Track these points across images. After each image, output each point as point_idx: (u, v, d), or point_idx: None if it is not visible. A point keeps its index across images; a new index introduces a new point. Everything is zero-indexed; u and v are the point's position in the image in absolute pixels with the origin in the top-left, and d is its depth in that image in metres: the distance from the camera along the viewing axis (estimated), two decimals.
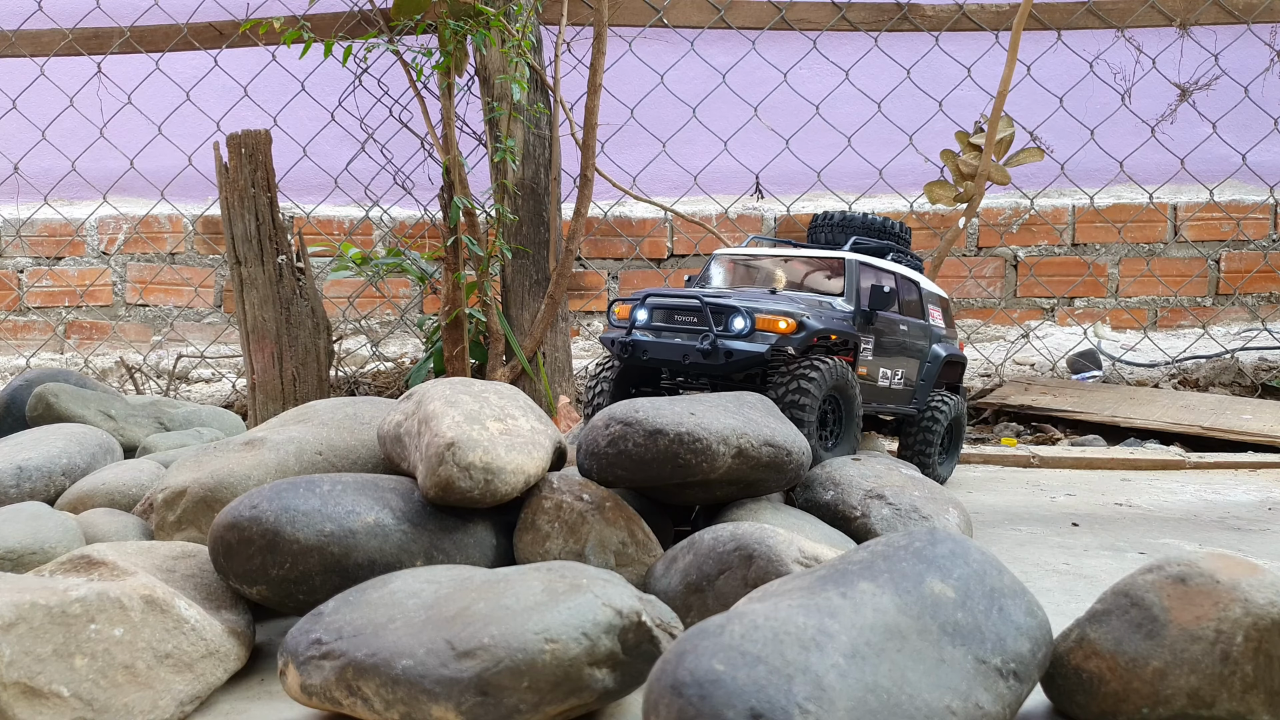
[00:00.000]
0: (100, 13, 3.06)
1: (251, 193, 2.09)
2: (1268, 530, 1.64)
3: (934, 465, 1.87)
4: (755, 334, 1.53)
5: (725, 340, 1.53)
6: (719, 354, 1.52)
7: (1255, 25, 2.95)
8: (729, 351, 1.52)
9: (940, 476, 1.90)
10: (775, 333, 1.53)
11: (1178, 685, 0.81)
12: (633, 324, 1.64)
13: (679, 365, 1.57)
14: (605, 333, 1.68)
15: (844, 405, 1.60)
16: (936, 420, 1.85)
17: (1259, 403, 2.55)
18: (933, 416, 1.86)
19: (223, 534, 1.03)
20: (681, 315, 1.60)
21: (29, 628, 0.83)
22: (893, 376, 1.78)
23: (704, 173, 3.09)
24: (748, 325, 1.53)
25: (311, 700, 0.88)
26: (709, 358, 1.53)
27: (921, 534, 0.88)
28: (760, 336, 1.53)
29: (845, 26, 2.96)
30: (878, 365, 1.74)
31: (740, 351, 1.51)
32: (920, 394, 1.85)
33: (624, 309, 1.66)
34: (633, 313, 1.64)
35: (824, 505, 1.38)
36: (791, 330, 1.53)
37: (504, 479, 1.11)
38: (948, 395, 1.90)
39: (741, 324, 1.53)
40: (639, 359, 1.60)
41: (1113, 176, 3.10)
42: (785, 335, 1.53)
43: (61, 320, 3.32)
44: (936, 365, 1.87)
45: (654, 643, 0.87)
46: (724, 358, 1.52)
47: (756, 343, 1.52)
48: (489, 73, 2.36)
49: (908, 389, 1.83)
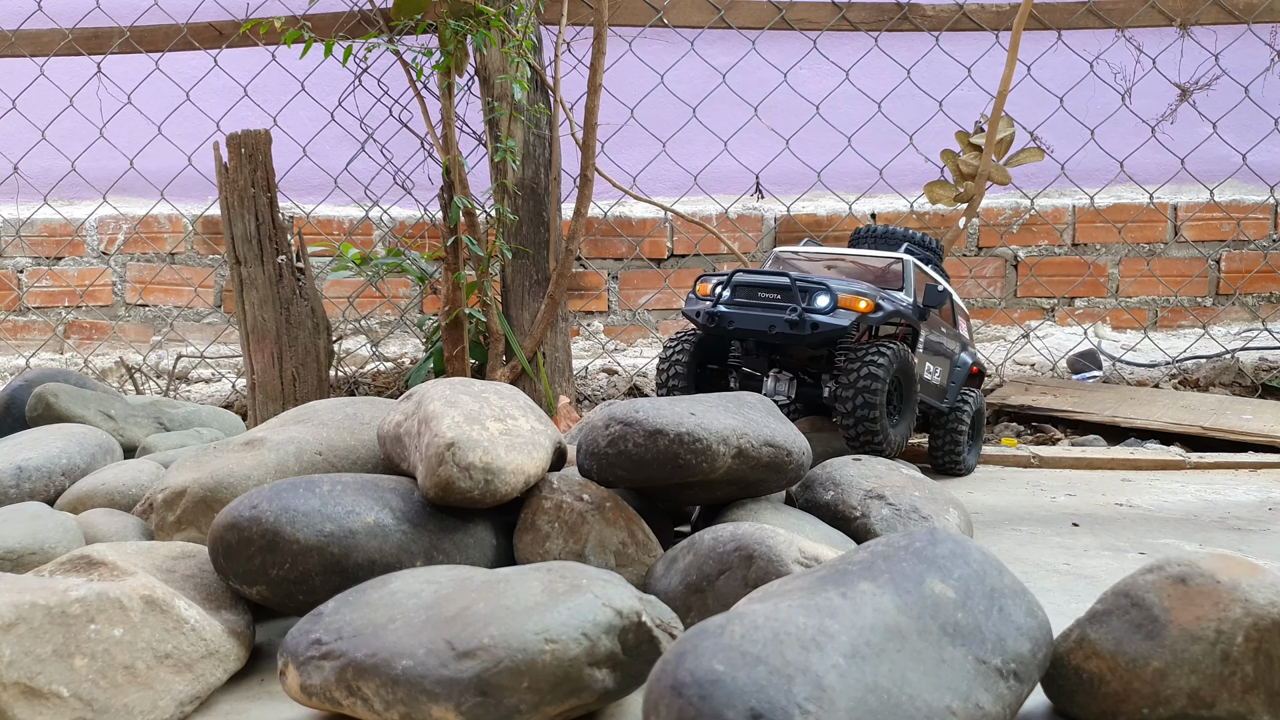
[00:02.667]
0: (100, 13, 3.06)
1: (251, 193, 2.09)
2: (1268, 530, 1.64)
3: (963, 455, 2.01)
4: (838, 311, 1.67)
5: (810, 314, 1.66)
6: (805, 325, 1.65)
7: (1255, 25, 2.94)
8: (814, 324, 1.65)
9: (969, 465, 2.05)
10: (855, 311, 1.68)
11: (1178, 685, 0.81)
12: (717, 298, 1.75)
13: (764, 336, 1.70)
14: (686, 306, 1.81)
15: (905, 386, 1.75)
16: (963, 414, 1.99)
17: (1259, 403, 2.55)
18: (959, 411, 2.00)
19: (222, 534, 1.03)
20: (765, 293, 1.74)
21: (29, 628, 0.83)
22: (934, 372, 1.92)
23: (704, 173, 3.09)
24: (831, 302, 1.67)
25: (311, 700, 0.88)
26: (795, 328, 1.66)
27: (922, 534, 0.88)
28: (842, 313, 1.68)
29: (845, 26, 2.96)
30: (925, 359, 1.89)
31: (826, 324, 1.66)
32: (950, 394, 2.00)
33: (706, 286, 1.80)
34: (714, 289, 1.77)
35: (824, 505, 1.39)
36: (870, 309, 1.69)
37: (504, 479, 1.11)
38: (969, 391, 2.05)
39: (826, 301, 1.68)
40: (724, 329, 1.73)
41: (1113, 176, 3.10)
42: (864, 314, 1.69)
43: (61, 320, 3.32)
44: (964, 370, 2.02)
45: (654, 643, 0.87)
46: (810, 329, 1.65)
47: (839, 318, 1.66)
48: (489, 73, 2.36)
49: (943, 386, 1.97)
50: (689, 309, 1.79)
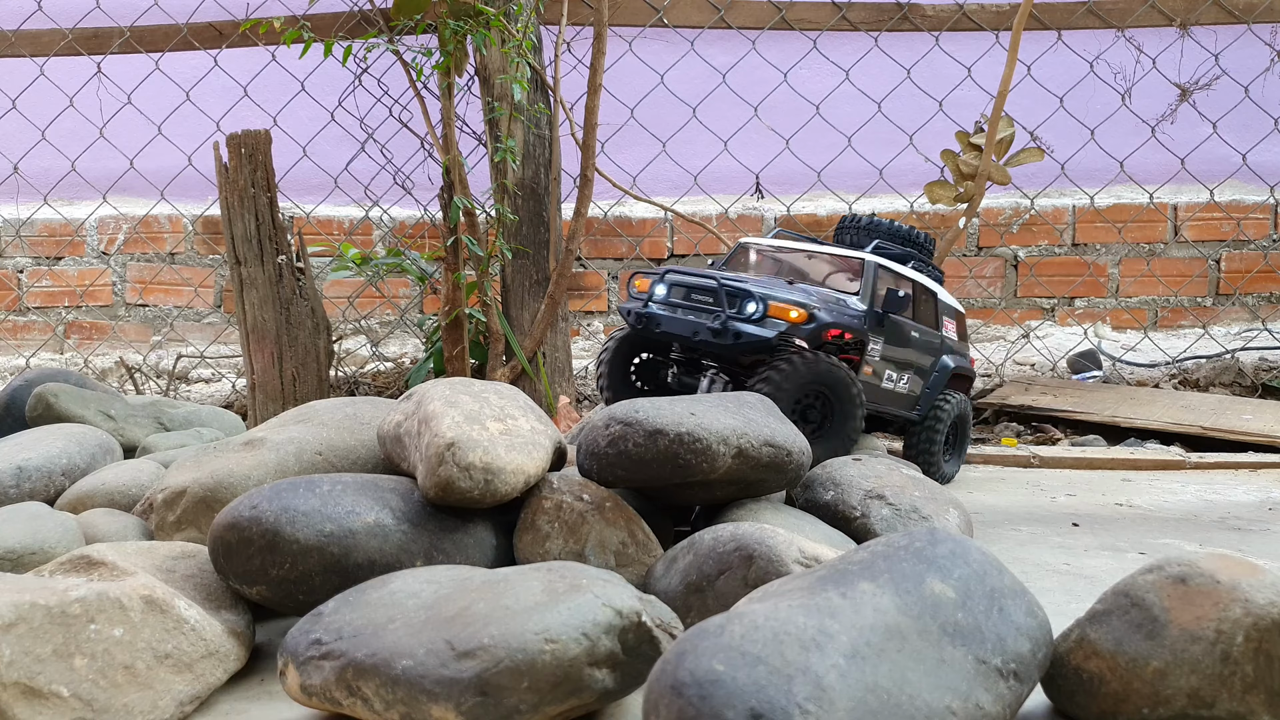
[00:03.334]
0: (100, 13, 3.06)
1: (251, 193, 2.09)
2: (1268, 530, 1.64)
3: (939, 464, 1.88)
4: (766, 320, 1.56)
5: (736, 322, 1.56)
6: (728, 334, 1.56)
7: (1255, 25, 2.94)
8: (738, 333, 1.55)
9: (946, 475, 1.92)
10: (786, 321, 1.56)
11: (1178, 685, 0.81)
12: (650, 297, 1.69)
13: (688, 341, 1.62)
14: (622, 303, 1.74)
15: (835, 402, 1.60)
16: (939, 420, 1.87)
17: (1259, 403, 2.55)
18: (935, 416, 1.87)
19: (222, 534, 1.03)
20: (699, 294, 1.65)
21: (29, 628, 0.83)
22: (898, 380, 1.80)
23: (704, 173, 3.09)
24: (760, 310, 1.56)
25: (311, 700, 0.88)
26: (718, 337, 1.57)
27: (922, 534, 0.88)
28: (770, 323, 1.56)
29: (845, 26, 2.96)
30: (884, 367, 1.75)
31: (748, 335, 1.55)
32: (924, 402, 1.88)
33: (644, 282, 1.72)
34: (652, 286, 1.70)
35: (824, 505, 1.39)
36: (802, 320, 1.56)
37: (504, 479, 1.11)
38: (950, 394, 1.92)
39: (754, 309, 1.57)
40: (652, 331, 1.66)
41: (1113, 176, 3.10)
42: (795, 325, 1.56)
43: (61, 320, 3.32)
44: (944, 376, 1.90)
45: (654, 643, 0.87)
46: (732, 338, 1.56)
47: (766, 328, 1.55)
48: (489, 73, 2.36)
49: (911, 395, 1.85)
50: (623, 306, 1.73)
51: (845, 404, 1.61)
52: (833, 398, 1.60)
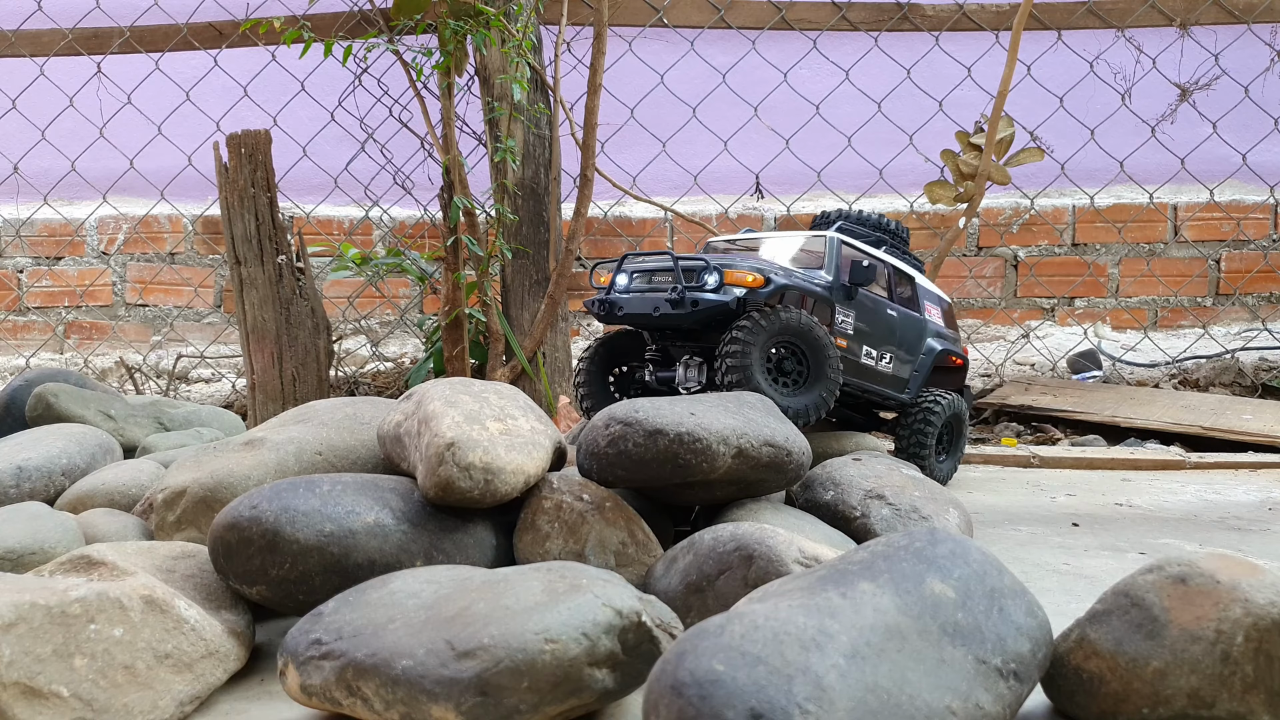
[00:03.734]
0: (100, 13, 3.06)
1: (251, 193, 2.09)
2: (1268, 530, 1.64)
3: (931, 464, 1.85)
4: (723, 289, 1.60)
5: (692, 291, 1.60)
6: (686, 304, 1.59)
7: (1255, 25, 2.94)
8: (695, 301, 1.59)
9: (939, 476, 1.89)
10: (744, 286, 1.60)
11: (1178, 685, 0.81)
12: (612, 286, 1.72)
13: (651, 320, 1.64)
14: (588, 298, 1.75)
15: (808, 350, 1.63)
16: (930, 416, 1.84)
17: (1259, 403, 2.55)
18: (926, 412, 1.85)
19: (222, 534, 1.03)
20: (660, 276, 1.68)
21: (29, 628, 0.83)
22: (879, 358, 1.81)
23: (704, 173, 3.08)
24: (718, 281, 1.61)
25: (311, 700, 0.88)
26: (677, 307, 1.60)
27: (922, 534, 0.88)
28: (727, 290, 1.60)
29: (845, 26, 2.96)
30: (860, 343, 1.77)
31: (706, 301, 1.58)
32: (913, 383, 1.88)
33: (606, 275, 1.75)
34: (614, 278, 1.72)
35: (824, 505, 1.39)
36: (759, 285, 1.60)
37: (504, 479, 1.11)
38: (944, 394, 1.89)
39: (713, 280, 1.61)
40: (615, 316, 1.68)
41: (1113, 176, 3.10)
42: (753, 289, 1.60)
43: (61, 320, 3.32)
44: (931, 357, 1.90)
45: (654, 643, 0.87)
46: (690, 307, 1.59)
47: (723, 295, 1.59)
48: (489, 73, 2.36)
49: (899, 376, 1.85)
50: (588, 300, 1.75)
51: (818, 350, 1.63)
52: (804, 347, 1.62)
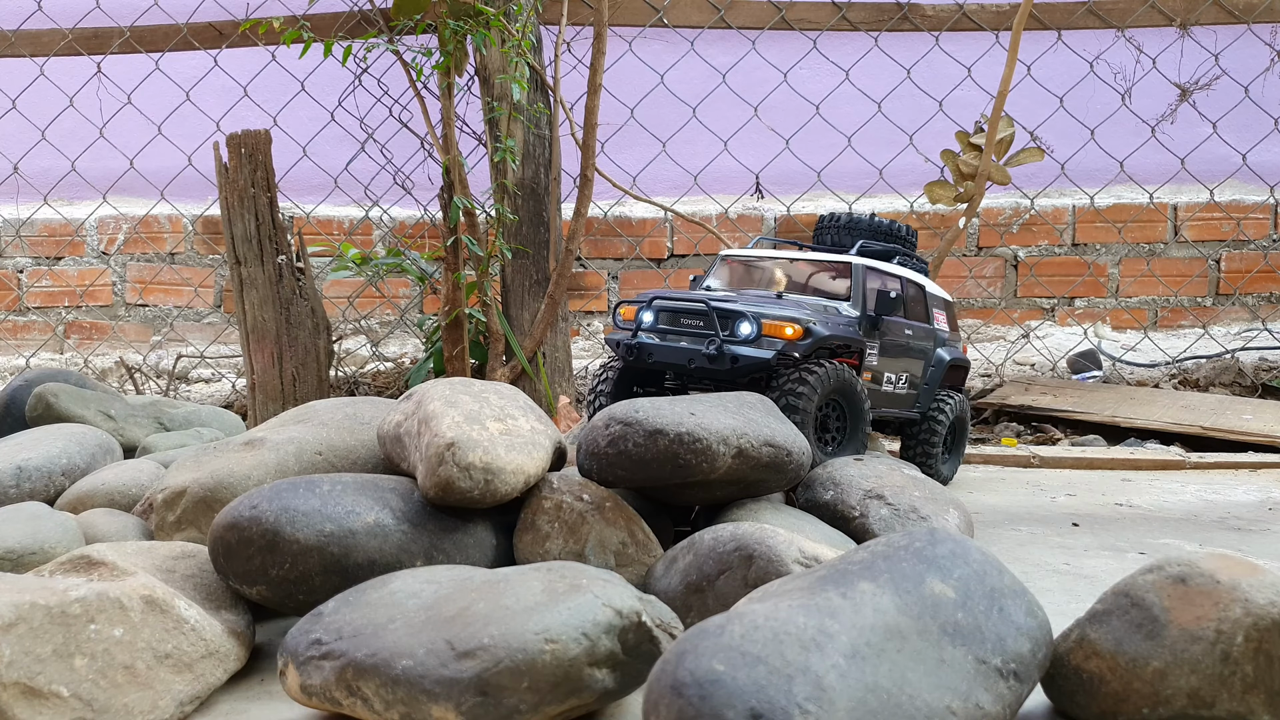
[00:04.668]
0: (100, 13, 3.06)
1: (251, 193, 2.09)
2: (1268, 530, 1.64)
3: (937, 465, 1.86)
4: (761, 339, 1.52)
5: (731, 346, 1.52)
6: (725, 359, 1.52)
7: (1255, 25, 2.94)
8: (735, 357, 1.51)
9: (944, 476, 1.90)
10: (781, 339, 1.52)
11: (1178, 685, 0.81)
12: (638, 325, 1.63)
13: (684, 369, 1.57)
14: (610, 334, 1.68)
15: (848, 409, 1.60)
16: (939, 420, 1.85)
17: (1259, 403, 2.55)
18: (935, 417, 1.86)
19: (222, 534, 1.03)
20: (688, 318, 1.60)
21: (29, 628, 0.83)
22: (897, 381, 1.78)
23: (704, 173, 3.08)
24: (754, 331, 1.53)
25: (311, 700, 0.88)
26: (715, 363, 1.52)
27: (922, 534, 0.88)
28: (766, 342, 1.52)
29: (845, 26, 2.96)
30: (882, 370, 1.73)
31: (746, 358, 1.51)
32: (924, 398, 1.86)
33: (630, 310, 1.66)
34: (638, 314, 1.64)
35: (824, 505, 1.39)
36: (798, 336, 1.53)
37: (504, 479, 1.11)
38: (950, 395, 1.90)
39: (748, 329, 1.53)
40: (644, 361, 1.60)
41: (1113, 176, 3.10)
42: (791, 341, 1.53)
43: (61, 320, 3.32)
44: (940, 369, 1.87)
45: (654, 643, 0.87)
46: (730, 363, 1.51)
47: (763, 349, 1.52)
48: (489, 73, 2.36)
49: (911, 393, 1.83)
50: (611, 338, 1.66)
51: (856, 407, 1.60)
52: (846, 405, 1.59)
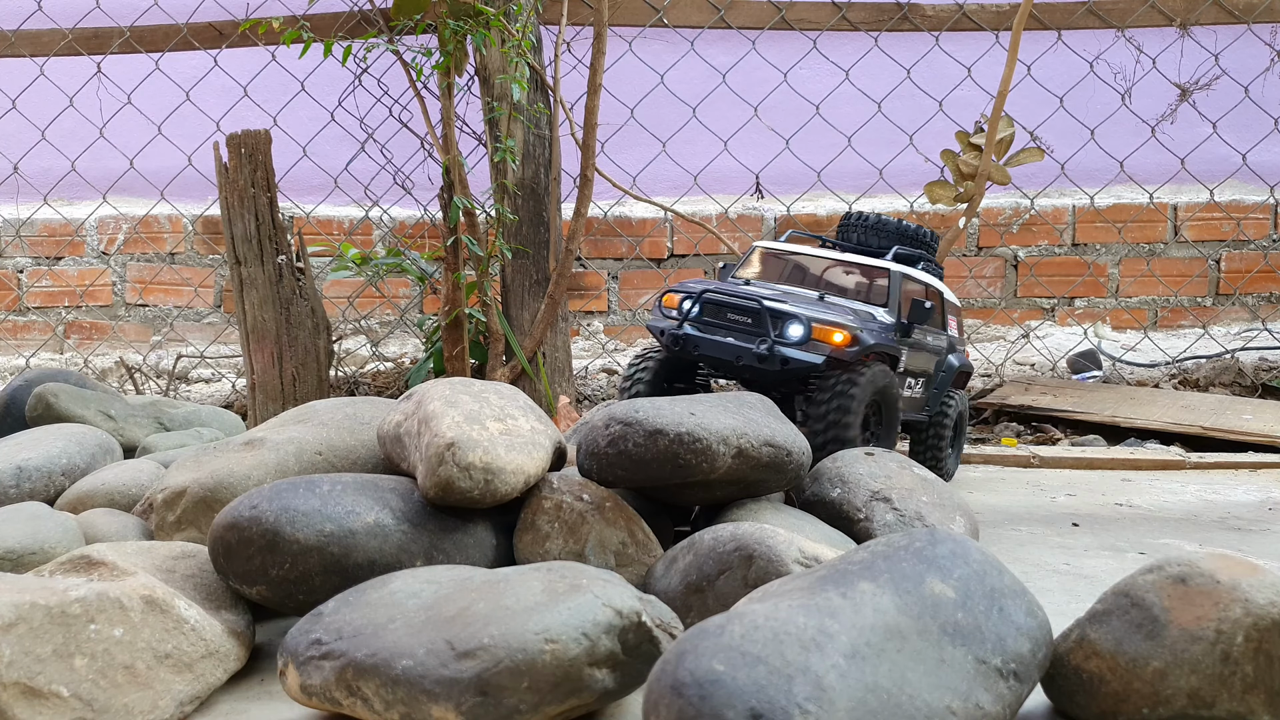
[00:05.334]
0: (100, 13, 3.06)
1: (251, 193, 2.09)
2: (1268, 530, 1.64)
3: (945, 462, 1.89)
4: (811, 343, 1.53)
5: (782, 347, 1.53)
6: (775, 360, 1.52)
7: (1255, 25, 2.94)
8: (785, 359, 1.52)
9: (949, 472, 1.93)
10: (830, 344, 1.54)
11: (1178, 685, 0.81)
12: (684, 316, 1.63)
13: (730, 365, 1.58)
14: (653, 320, 1.69)
15: (885, 409, 1.62)
16: (945, 422, 1.88)
17: (1259, 403, 2.55)
18: (943, 415, 1.88)
19: (222, 534, 1.03)
20: (735, 314, 1.60)
21: (29, 628, 0.83)
22: (914, 386, 1.80)
23: (704, 173, 3.08)
24: (805, 334, 1.53)
25: (311, 700, 0.88)
26: (765, 363, 1.53)
27: (922, 534, 0.88)
28: (815, 346, 1.53)
29: (845, 26, 2.96)
30: (905, 378, 1.75)
31: (797, 360, 1.52)
32: (933, 402, 1.88)
33: (674, 298, 1.66)
34: (682, 304, 1.64)
35: (829, 503, 1.36)
36: (846, 343, 1.54)
37: (504, 479, 1.11)
38: (952, 394, 1.92)
39: (799, 332, 1.54)
40: (689, 353, 1.61)
41: (1113, 176, 3.09)
42: (840, 348, 1.54)
43: (61, 320, 3.32)
44: (950, 375, 1.90)
45: (654, 643, 0.87)
46: (780, 364, 1.52)
47: (812, 353, 1.53)
48: (489, 73, 2.36)
49: (923, 396, 1.86)
50: (654, 325, 1.67)
51: (891, 410, 1.62)
52: (884, 407, 1.62)
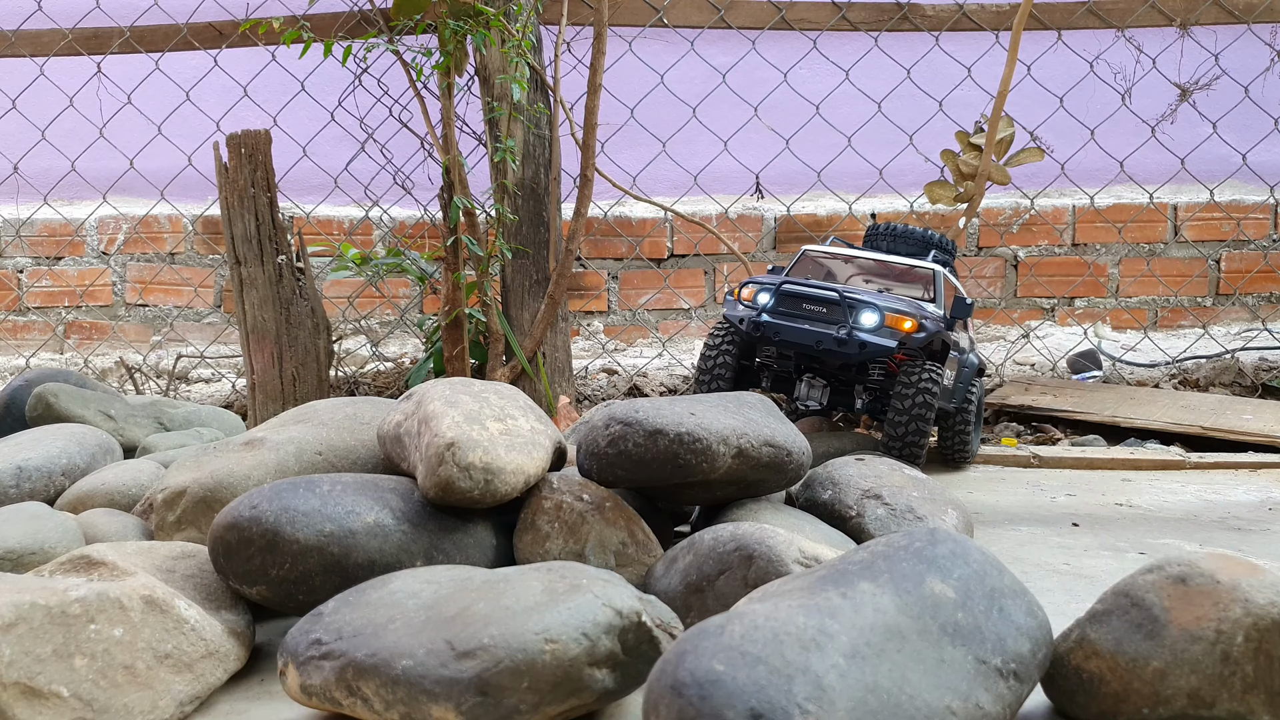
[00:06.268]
0: (100, 13, 3.06)
1: (251, 193, 2.09)
2: (1268, 530, 1.64)
3: (971, 445, 2.03)
4: (883, 329, 1.72)
5: (859, 333, 1.70)
6: (854, 344, 1.70)
7: (1255, 25, 2.94)
8: (863, 343, 1.70)
9: (974, 451, 2.08)
10: (901, 330, 1.72)
11: (1178, 686, 0.81)
12: (762, 307, 1.78)
13: (809, 350, 1.74)
14: (729, 310, 1.84)
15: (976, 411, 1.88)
16: (969, 410, 2.01)
17: (1259, 403, 2.55)
18: (965, 411, 2.00)
19: (222, 534, 1.03)
20: (810, 304, 1.76)
21: (29, 628, 0.83)
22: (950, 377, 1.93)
23: (704, 173, 3.08)
24: (879, 320, 1.71)
25: (311, 700, 0.88)
26: (844, 346, 1.70)
27: (922, 534, 0.88)
28: (888, 332, 1.72)
29: (845, 26, 2.96)
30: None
31: (873, 344, 1.70)
32: (958, 395, 1.99)
33: (750, 291, 1.82)
34: (756, 295, 1.80)
35: (822, 504, 1.39)
36: (914, 330, 1.73)
37: (504, 479, 1.11)
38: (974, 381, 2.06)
39: (873, 319, 1.71)
40: (770, 339, 1.76)
41: (1113, 176, 3.09)
42: (909, 334, 1.72)
43: (61, 320, 3.32)
44: (971, 370, 2.02)
45: (654, 643, 0.87)
46: (858, 348, 1.70)
47: (886, 338, 1.71)
48: (489, 73, 2.36)
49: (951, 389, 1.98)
50: (732, 313, 1.83)
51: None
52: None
